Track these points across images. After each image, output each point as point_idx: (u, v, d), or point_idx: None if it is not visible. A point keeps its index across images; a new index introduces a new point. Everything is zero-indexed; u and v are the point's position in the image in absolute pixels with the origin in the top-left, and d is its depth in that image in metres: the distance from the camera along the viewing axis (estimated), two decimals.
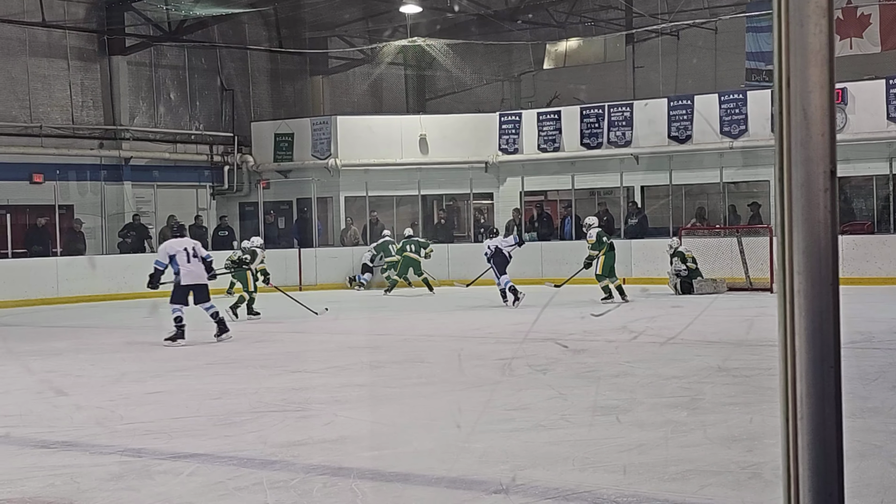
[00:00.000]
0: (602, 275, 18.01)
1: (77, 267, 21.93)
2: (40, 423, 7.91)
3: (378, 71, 29.74)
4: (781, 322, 1.89)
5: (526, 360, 10.70)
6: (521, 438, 6.80)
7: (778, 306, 1.89)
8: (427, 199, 26.49)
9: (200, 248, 13.88)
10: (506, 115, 26.30)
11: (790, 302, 1.88)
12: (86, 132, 24.87)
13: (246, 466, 6.19)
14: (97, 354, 12.65)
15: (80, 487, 5.77)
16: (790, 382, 1.89)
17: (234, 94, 27.78)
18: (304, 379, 9.94)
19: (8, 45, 23.42)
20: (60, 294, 20.87)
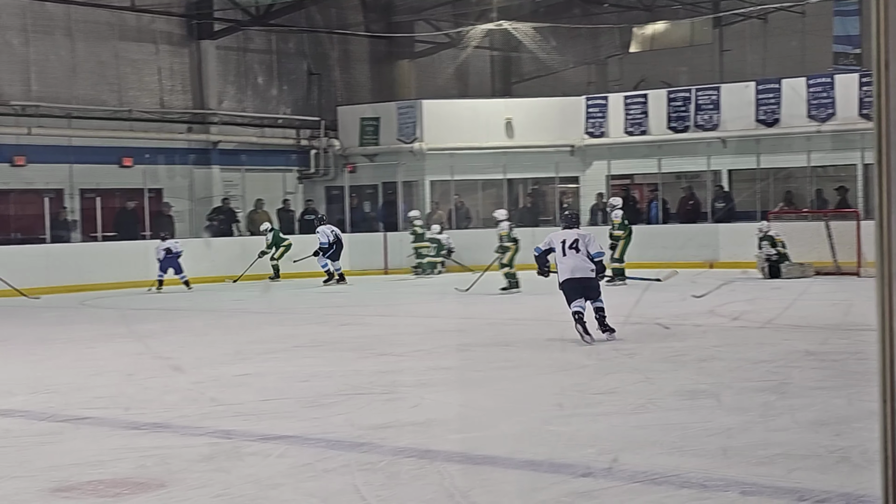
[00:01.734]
0: (620, 258, 17.99)
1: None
2: (131, 404, 8.03)
3: (464, 55, 29.64)
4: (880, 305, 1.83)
5: (612, 343, 10.59)
6: (608, 422, 6.73)
7: (876, 290, 1.81)
8: (513, 183, 26.39)
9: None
10: (592, 99, 26.08)
11: (888, 286, 1.80)
12: (175, 116, 25.22)
13: (334, 448, 6.21)
14: (186, 337, 12.83)
15: (170, 469, 5.83)
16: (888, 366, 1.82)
17: (321, 78, 27.94)
18: (392, 362, 9.96)
19: (98, 30, 23.83)
20: (150, 277, 21.21)
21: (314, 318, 14.76)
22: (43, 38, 22.98)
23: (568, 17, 28.74)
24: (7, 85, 22.41)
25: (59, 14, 23.19)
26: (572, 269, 10.96)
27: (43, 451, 6.43)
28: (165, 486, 5.45)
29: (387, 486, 5.31)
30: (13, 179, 22.11)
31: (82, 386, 9.02)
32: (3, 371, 10.10)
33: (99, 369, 10.06)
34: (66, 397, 8.37)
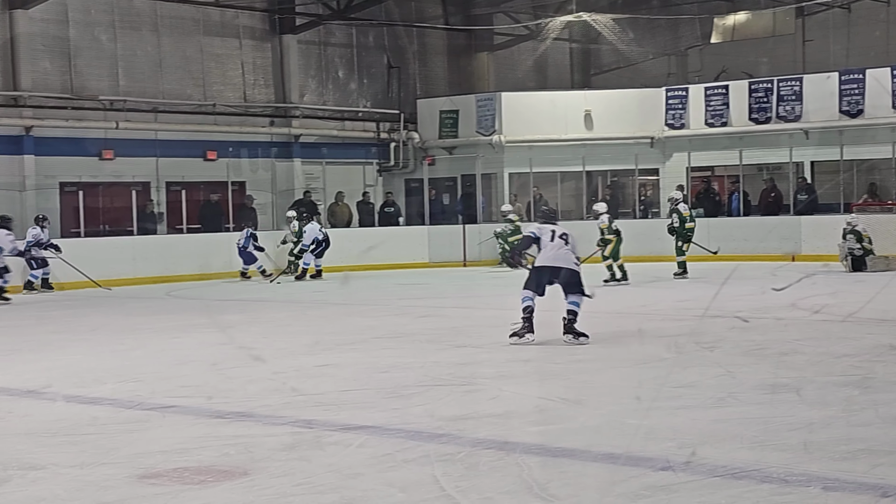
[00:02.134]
0: (609, 256, 17.81)
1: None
2: (215, 393, 8.18)
3: (543, 47, 29.56)
4: None
5: (692, 337, 10.51)
6: (688, 416, 6.69)
7: None
8: (591, 175, 26.27)
9: None
10: (672, 90, 25.85)
11: None
12: (257, 110, 25.55)
13: (414, 439, 6.26)
14: (268, 327, 13.01)
15: (253, 457, 5.94)
16: None
17: (401, 71, 28.07)
18: (470, 353, 10.00)
19: (183, 25, 24.22)
20: (233, 268, 21.54)
21: (393, 310, 14.87)
22: (130, 34, 23.43)
23: (648, 8, 28.51)
24: (96, 80, 22.90)
25: (146, 10, 23.63)
26: (554, 258, 10.42)
27: (130, 438, 6.59)
28: (248, 473, 5.56)
29: (466, 478, 5.36)
30: (102, 173, 22.61)
31: (168, 375, 9.21)
32: (92, 360, 10.35)
33: (183, 359, 10.26)
34: (152, 386, 8.55)
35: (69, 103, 22.41)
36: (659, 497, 4.91)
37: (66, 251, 19.51)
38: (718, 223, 23.27)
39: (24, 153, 21.64)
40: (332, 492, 5.16)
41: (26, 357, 10.63)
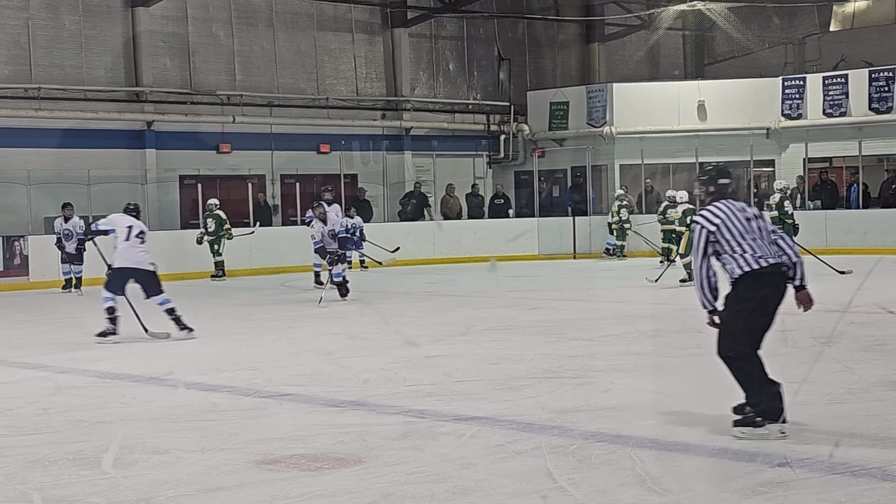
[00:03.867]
0: (685, 254, 16.61)
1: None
2: (330, 383, 8.32)
3: (655, 36, 29.24)
4: None
5: (810, 332, 10.30)
6: (805, 412, 6.57)
7: None
8: (704, 167, 25.85)
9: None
10: (789, 80, 25.33)
11: None
12: (369, 103, 25.81)
13: (525, 431, 6.28)
14: (380, 318, 13.15)
15: (367, 445, 6.03)
16: None
17: (511, 63, 28.05)
18: (581, 346, 9.97)
19: (297, 20, 24.60)
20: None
21: (504, 302, 14.89)
22: (246, 30, 23.90)
23: None
24: (214, 75, 23.42)
25: (262, 6, 24.07)
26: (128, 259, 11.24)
27: (248, 425, 6.75)
28: (363, 461, 5.65)
29: (578, 470, 5.36)
30: (219, 166, 23.12)
31: (283, 364, 9.39)
32: (210, 348, 10.60)
33: (298, 348, 10.45)
34: (268, 374, 8.73)
35: (188, 98, 22.98)
36: (776, 493, 4.85)
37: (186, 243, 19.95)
38: (836, 215, 22.75)
39: (145, 147, 22.27)
40: (444, 481, 5.21)
41: (149, 345, 10.94)
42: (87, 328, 12.01)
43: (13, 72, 21.16)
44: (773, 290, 6.10)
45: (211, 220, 19.84)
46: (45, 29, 21.52)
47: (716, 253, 6.19)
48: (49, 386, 8.54)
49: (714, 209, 6.27)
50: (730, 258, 6.11)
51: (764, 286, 6.07)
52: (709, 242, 6.18)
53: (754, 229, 6.19)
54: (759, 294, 6.06)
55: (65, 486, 5.36)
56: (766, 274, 6.08)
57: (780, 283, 6.15)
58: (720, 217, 6.19)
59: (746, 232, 6.16)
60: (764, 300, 6.08)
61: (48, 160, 20.87)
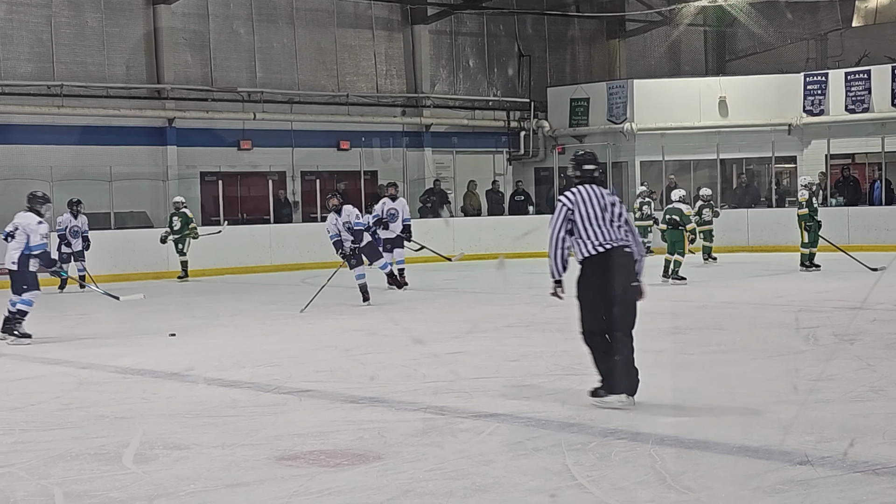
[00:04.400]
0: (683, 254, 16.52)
1: None
2: (349, 379, 8.33)
3: (676, 32, 29.16)
4: None
5: (832, 329, 10.26)
6: (827, 409, 6.54)
7: None
8: (726, 163, 25.80)
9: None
10: (811, 76, 25.19)
11: None
12: (389, 100, 25.83)
13: (544, 427, 6.27)
14: (400, 315, 13.16)
15: (387, 441, 6.03)
16: None
17: (531, 59, 28.01)
18: None
19: (317, 18, 24.64)
20: None
21: (524, 299, 14.87)
22: (267, 27, 23.95)
23: None
24: (235, 72, 23.49)
25: (283, 3, 24.13)
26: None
27: (268, 421, 6.76)
28: (382, 458, 5.65)
29: (597, 467, 5.35)
30: (240, 162, 23.20)
31: (303, 360, 9.41)
32: (231, 344, 10.64)
33: (318, 344, 10.47)
34: (288, 370, 8.75)
35: (209, 95, 23.05)
36: (797, 492, 4.82)
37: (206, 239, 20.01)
38: (859, 212, 22.62)
39: (166, 144, 22.37)
40: (463, 478, 5.21)
41: (170, 341, 10.98)
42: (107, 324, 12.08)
43: (36, 69, 21.28)
44: (614, 272, 6.73)
45: (177, 219, 19.19)
46: (68, 26, 21.63)
47: (570, 232, 6.86)
48: (71, 381, 8.59)
49: (575, 191, 6.92)
50: (577, 241, 6.84)
51: (603, 270, 6.75)
52: (565, 219, 6.85)
53: (609, 217, 6.82)
54: (597, 278, 6.78)
55: (86, 480, 5.39)
56: (605, 257, 6.74)
57: (621, 265, 6.76)
58: (578, 199, 6.85)
59: (598, 217, 6.80)
60: (603, 283, 6.78)
61: (70, 157, 20.98)
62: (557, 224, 6.83)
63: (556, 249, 6.85)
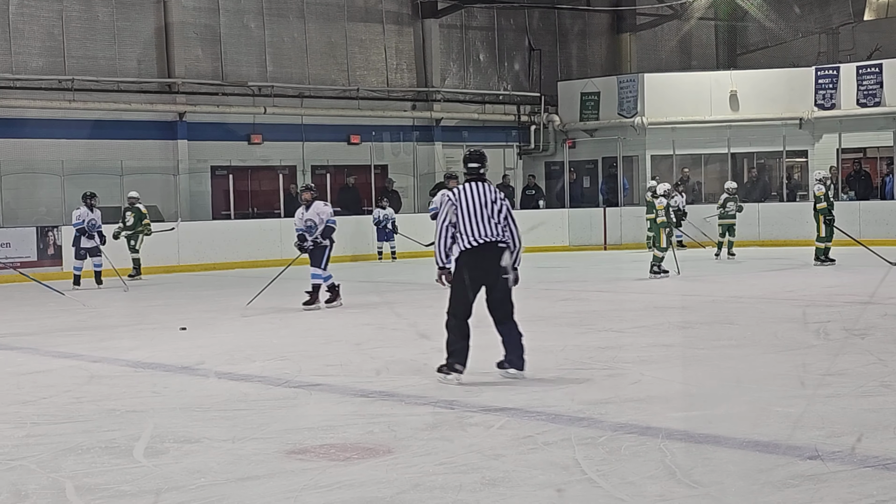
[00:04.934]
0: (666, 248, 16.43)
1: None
2: (359, 373, 8.33)
3: (687, 26, 29.10)
4: None
5: (842, 323, 10.24)
6: (837, 404, 6.53)
7: None
8: (737, 157, 25.75)
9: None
10: (822, 70, 25.13)
11: None
12: (399, 94, 25.82)
13: (554, 422, 6.27)
14: (410, 308, 13.16)
15: (396, 435, 6.04)
16: None
17: (542, 53, 27.98)
18: (611, 338, 9.94)
19: (328, 12, 24.64)
20: (373, 251, 21.87)
21: (534, 293, 14.85)
22: (278, 21, 23.97)
23: None
24: (245, 67, 23.52)
25: None
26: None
27: (278, 414, 6.78)
28: (392, 452, 5.66)
29: (607, 461, 5.35)
30: (250, 157, 23.23)
31: (314, 354, 9.43)
32: (241, 338, 10.66)
33: (328, 338, 10.48)
34: (299, 364, 8.76)
35: (220, 89, 23.09)
36: (807, 486, 4.82)
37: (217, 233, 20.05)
38: (870, 206, 22.57)
39: (177, 138, 22.41)
40: (473, 472, 5.21)
41: (181, 334, 11.01)
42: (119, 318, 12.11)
43: (47, 63, 21.33)
44: (482, 265, 7.53)
45: (130, 214, 18.53)
46: (79, 21, 21.68)
47: (453, 224, 7.58)
48: (82, 375, 8.61)
49: (460, 188, 7.68)
50: (457, 234, 7.56)
51: (476, 263, 7.53)
52: (450, 212, 7.58)
53: (488, 213, 7.54)
54: (470, 270, 7.53)
55: (97, 474, 5.40)
56: (477, 252, 7.51)
57: (490, 259, 7.53)
58: (461, 196, 7.61)
59: (477, 214, 7.52)
60: (475, 275, 7.53)
61: (81, 151, 21.05)
62: (443, 218, 7.56)
63: (441, 240, 7.55)
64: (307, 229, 13.38)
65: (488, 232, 7.49)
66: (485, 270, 7.52)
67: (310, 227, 13.36)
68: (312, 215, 13.40)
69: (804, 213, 20.98)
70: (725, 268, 18.28)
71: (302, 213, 13.49)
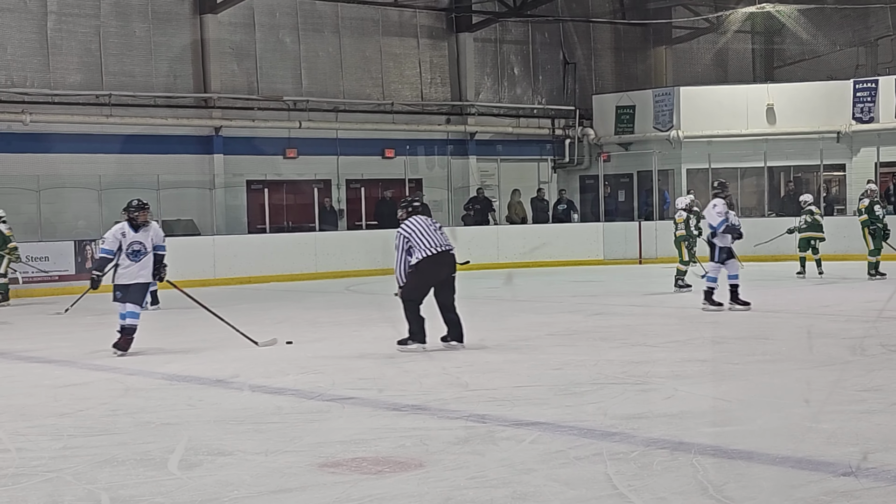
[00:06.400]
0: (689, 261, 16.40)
1: None
2: (392, 387, 8.36)
3: (724, 40, 28.99)
4: None
5: (879, 339, 10.14)
6: (872, 420, 6.48)
7: None
8: (773, 171, 25.60)
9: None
10: (861, 83, 24.95)
11: None
12: (434, 108, 25.89)
13: (586, 437, 6.26)
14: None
15: (428, 449, 6.05)
16: None
17: (577, 67, 27.96)
18: (645, 352, 9.91)
19: (363, 26, 24.77)
20: None
21: (567, 307, 14.85)
22: (313, 36, 24.12)
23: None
24: (280, 81, 23.68)
25: (328, 12, 24.27)
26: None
27: (311, 427, 6.81)
28: (423, 465, 5.67)
29: (639, 477, 5.33)
30: (285, 171, 23.36)
31: (347, 367, 9.46)
32: (276, 352, 10.71)
33: (362, 352, 10.51)
34: (332, 378, 8.80)
35: (255, 104, 23.25)
36: (840, 503, 4.78)
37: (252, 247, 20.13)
38: None
39: (213, 152, 22.59)
40: (504, 486, 5.21)
41: (216, 347, 11.08)
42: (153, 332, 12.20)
43: (84, 79, 21.57)
44: (442, 265, 10.11)
45: None
46: (116, 36, 21.91)
47: (409, 251, 10.03)
48: (118, 387, 8.70)
49: (409, 222, 10.18)
50: (416, 250, 10.00)
51: (434, 264, 10.03)
52: (405, 244, 10.06)
53: (435, 230, 10.15)
54: (429, 268, 10.01)
55: (132, 486, 5.45)
56: (438, 255, 10.04)
57: (447, 261, 10.16)
58: (412, 227, 10.12)
59: (428, 232, 10.09)
60: (435, 272, 10.07)
61: (117, 165, 21.25)
62: (400, 249, 10.06)
63: (399, 266, 10.06)
64: (133, 254, 10.70)
65: (442, 241, 10.09)
66: (442, 270, 10.07)
67: (137, 251, 10.70)
68: (143, 238, 10.75)
69: (841, 227, 20.84)
70: (762, 282, 18.15)
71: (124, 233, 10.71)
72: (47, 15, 21.19)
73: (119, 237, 10.72)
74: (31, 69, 21.11)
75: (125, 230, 10.76)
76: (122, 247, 10.71)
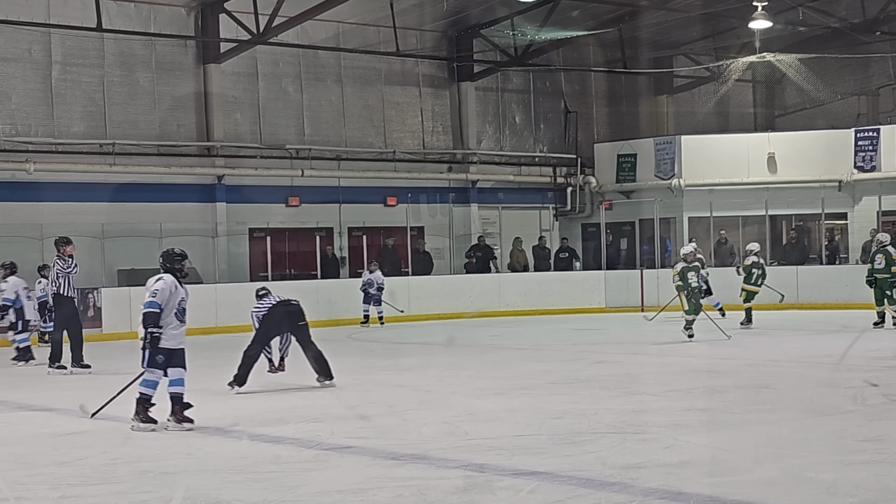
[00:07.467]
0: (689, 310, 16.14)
1: (427, 286, 23.04)
2: (391, 435, 8.34)
3: (724, 88, 29.11)
4: None
5: (881, 388, 10.12)
6: (872, 471, 6.45)
7: None
8: (775, 220, 25.63)
9: None
10: (862, 132, 25.05)
11: None
12: (435, 156, 26.01)
13: (584, 486, 6.24)
14: (444, 371, 13.16)
15: (426, 499, 6.03)
16: None
17: (577, 115, 28.12)
18: (644, 401, 9.90)
19: (365, 75, 24.95)
20: (411, 311, 21.89)
21: (568, 355, 14.84)
22: (315, 85, 24.29)
23: (836, 47, 27.69)
24: (283, 130, 23.82)
25: (331, 62, 24.45)
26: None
27: (309, 477, 6.79)
28: None
29: None
30: (288, 219, 23.42)
31: (347, 416, 9.45)
32: (276, 400, 10.70)
33: (362, 400, 10.50)
34: (331, 426, 8.78)
35: (258, 152, 23.36)
36: None
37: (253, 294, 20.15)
38: None
39: (216, 200, 22.66)
40: None
41: (216, 395, 11.06)
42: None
43: (88, 128, 21.70)
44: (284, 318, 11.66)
45: None
46: (120, 86, 22.07)
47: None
48: (117, 436, 8.68)
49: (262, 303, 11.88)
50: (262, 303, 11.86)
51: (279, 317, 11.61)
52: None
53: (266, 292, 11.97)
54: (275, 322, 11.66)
55: None
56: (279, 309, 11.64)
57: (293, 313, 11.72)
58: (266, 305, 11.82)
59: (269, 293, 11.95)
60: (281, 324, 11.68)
61: (121, 214, 21.31)
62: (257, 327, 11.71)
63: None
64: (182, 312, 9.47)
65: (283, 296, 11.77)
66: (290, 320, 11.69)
67: (184, 309, 9.49)
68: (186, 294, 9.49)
69: (844, 276, 20.83)
70: (763, 331, 18.13)
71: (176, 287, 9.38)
72: (52, 65, 21.36)
73: (172, 290, 9.15)
74: (36, 118, 21.24)
75: (176, 284, 9.23)
76: (169, 304, 9.12)
